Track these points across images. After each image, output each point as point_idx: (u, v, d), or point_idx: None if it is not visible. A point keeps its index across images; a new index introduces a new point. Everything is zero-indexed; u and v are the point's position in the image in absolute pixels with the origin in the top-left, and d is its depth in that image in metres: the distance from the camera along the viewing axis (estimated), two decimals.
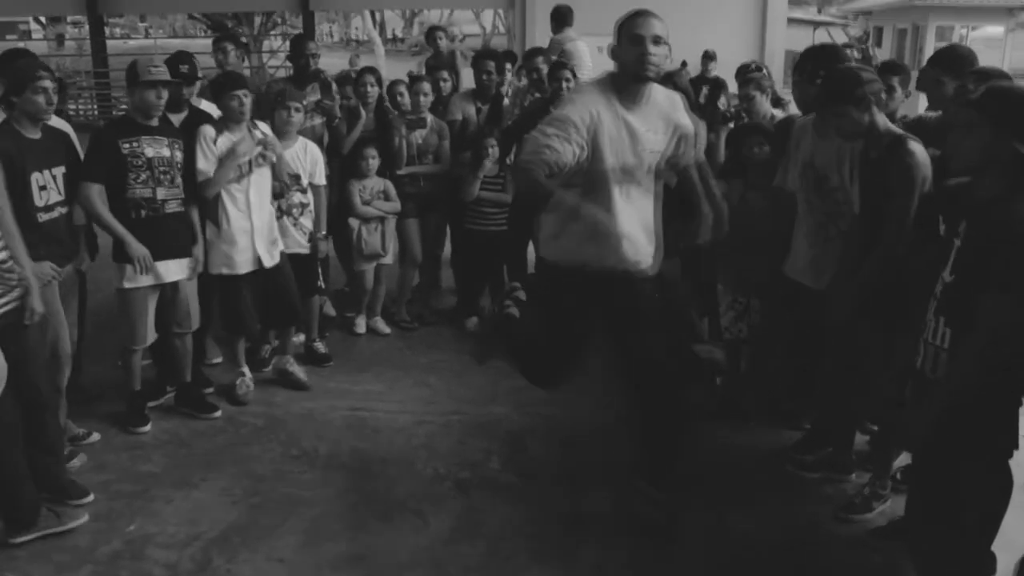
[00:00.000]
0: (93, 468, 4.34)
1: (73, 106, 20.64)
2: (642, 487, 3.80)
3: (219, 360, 5.64)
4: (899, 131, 3.71)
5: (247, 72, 10.38)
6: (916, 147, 3.56)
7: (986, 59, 4.44)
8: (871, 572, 3.60)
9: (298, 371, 5.33)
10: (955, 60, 4.10)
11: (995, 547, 3.06)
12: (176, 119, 4.99)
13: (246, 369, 5.25)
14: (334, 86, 6.27)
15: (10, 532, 3.67)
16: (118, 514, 3.95)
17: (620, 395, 4.77)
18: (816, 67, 4.13)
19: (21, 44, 32.76)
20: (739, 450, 4.56)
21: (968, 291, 2.82)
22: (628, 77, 3.40)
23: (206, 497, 4.10)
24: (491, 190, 6.04)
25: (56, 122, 4.49)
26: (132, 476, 4.30)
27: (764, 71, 5.89)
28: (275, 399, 5.15)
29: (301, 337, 5.81)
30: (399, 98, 6.22)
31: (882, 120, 3.69)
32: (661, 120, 3.56)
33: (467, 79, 7.29)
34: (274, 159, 4.98)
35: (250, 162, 4.87)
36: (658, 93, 3.56)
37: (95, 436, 4.63)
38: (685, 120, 3.69)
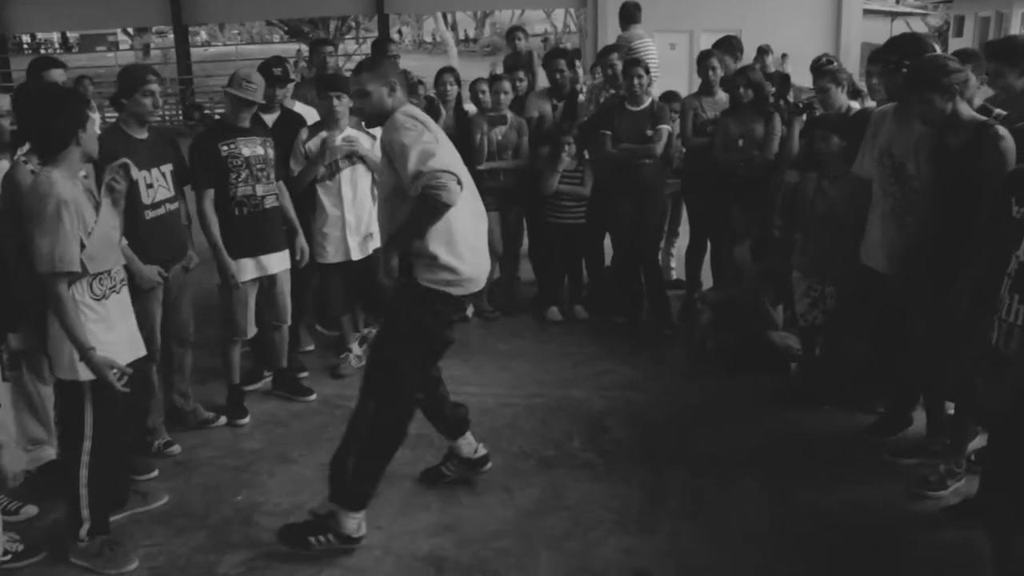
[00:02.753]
0: (201, 445, 4.68)
1: (160, 112, 21.46)
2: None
3: (311, 348, 5.95)
4: (983, 118, 3.80)
5: None
6: (1004, 132, 3.66)
7: None
8: (943, 550, 3.69)
9: None
10: (1014, 51, 4.15)
11: None
12: (269, 119, 5.30)
13: (353, 347, 5.58)
14: (421, 88, 6.53)
15: None
16: (226, 486, 4.27)
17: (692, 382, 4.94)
18: (900, 56, 4.20)
19: (110, 55, 34.12)
20: (813, 434, 4.69)
21: None
22: None
23: (306, 471, 4.39)
24: (569, 183, 6.24)
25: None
26: (236, 453, 4.62)
27: (835, 63, 5.96)
28: None
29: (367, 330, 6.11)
30: (480, 95, 6.45)
31: (965, 108, 3.79)
32: None
33: (543, 78, 7.49)
34: (361, 154, 5.23)
35: (336, 161, 5.17)
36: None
37: (223, 420, 4.93)
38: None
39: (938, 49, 4.67)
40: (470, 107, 6.74)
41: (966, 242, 3.61)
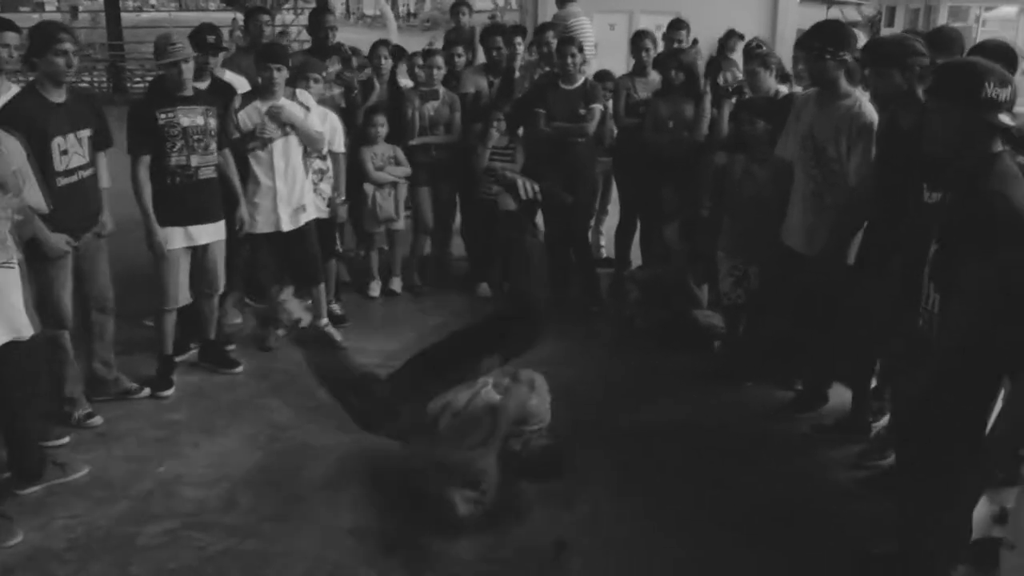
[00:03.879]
0: (123, 416, 4.62)
1: (87, 78, 20.87)
2: None
3: (239, 320, 5.90)
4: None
5: None
6: None
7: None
8: (857, 520, 3.79)
9: (333, 331, 5.63)
10: (946, 42, 4.28)
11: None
12: (199, 87, 5.17)
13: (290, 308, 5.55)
14: (354, 59, 6.49)
15: (18, 483, 3.88)
16: (148, 457, 4.24)
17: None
18: (824, 44, 4.24)
19: (35, 16, 32.96)
20: (734, 410, 4.82)
21: (952, 259, 2.98)
22: None
23: (230, 443, 4.38)
24: (500, 160, 6.26)
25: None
26: (159, 424, 4.58)
27: (764, 48, 6.08)
28: (293, 357, 5.37)
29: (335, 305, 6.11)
30: (416, 70, 6.42)
31: (920, 92, 3.83)
32: None
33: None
34: (295, 124, 5.18)
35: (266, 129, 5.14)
36: None
37: (146, 391, 4.85)
38: None
39: (861, 38, 4.78)
40: (407, 82, 6.71)
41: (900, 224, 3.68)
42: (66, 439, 4.32)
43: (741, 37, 7.45)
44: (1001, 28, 25.29)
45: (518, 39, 6.88)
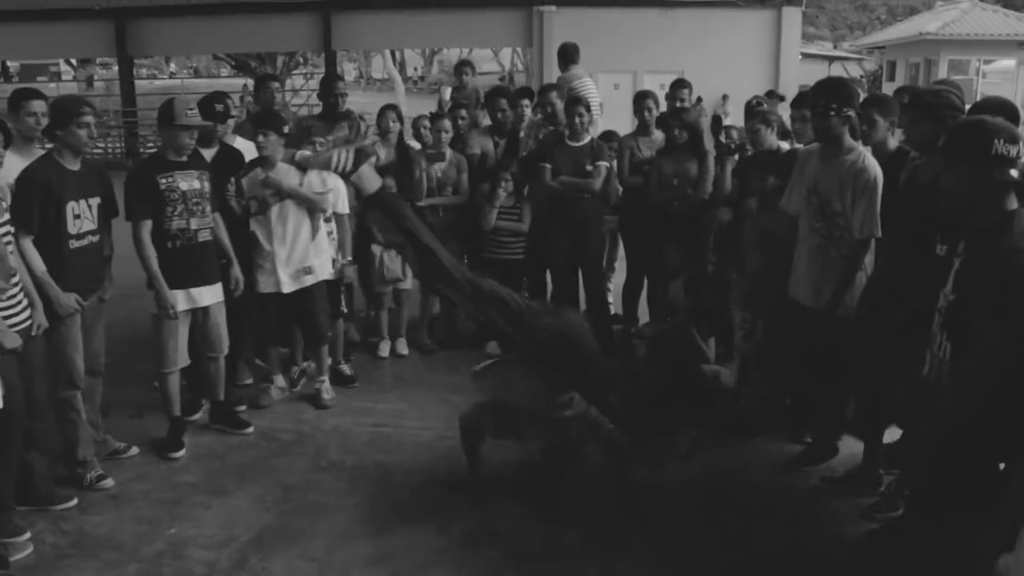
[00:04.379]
0: (135, 479, 4.64)
1: (102, 144, 21.24)
2: None
3: (250, 381, 5.94)
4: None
5: None
6: None
7: (1000, 91, 4.70)
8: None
9: (325, 392, 5.65)
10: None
11: None
12: (208, 154, 5.33)
13: (277, 379, 5.64)
14: (362, 125, 6.63)
15: None
16: (159, 519, 4.24)
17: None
18: (828, 100, 4.30)
19: (52, 85, 33.64)
20: (744, 464, 4.81)
21: (967, 310, 3.04)
22: None
23: (241, 504, 4.38)
24: (507, 219, 6.36)
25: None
26: (171, 485, 4.59)
27: (764, 105, 6.18)
28: (304, 416, 5.45)
29: (329, 360, 6.14)
30: (423, 130, 6.55)
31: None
32: None
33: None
34: (286, 190, 5.29)
35: (265, 197, 5.28)
36: None
37: (134, 450, 4.90)
38: None
39: (863, 94, 4.86)
40: (415, 144, 6.84)
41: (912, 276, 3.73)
42: (74, 501, 4.33)
43: (782, 98, 7.44)
44: (1002, 80, 25.62)
45: (525, 101, 7.01)
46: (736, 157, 6.00)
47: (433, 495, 4.43)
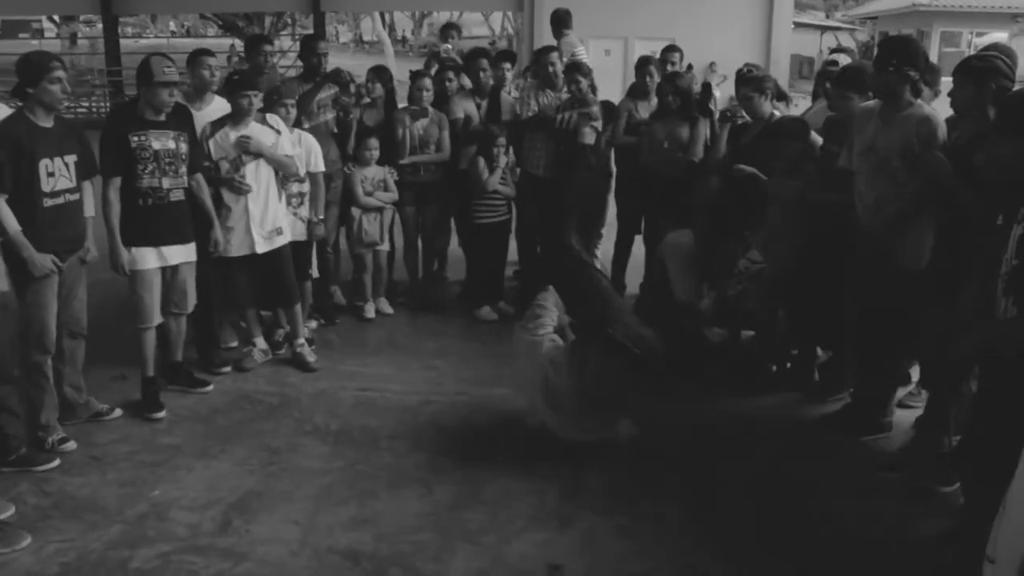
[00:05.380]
0: (118, 440, 4.61)
1: (86, 103, 21.00)
2: None
3: (235, 344, 5.91)
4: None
5: None
6: None
7: None
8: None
9: (307, 354, 5.61)
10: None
11: None
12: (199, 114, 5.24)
13: (257, 341, 5.62)
14: (352, 85, 6.54)
15: None
16: (142, 481, 4.22)
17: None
18: (890, 56, 4.30)
19: (34, 42, 33.18)
20: (746, 418, 4.84)
21: None
22: None
23: (225, 466, 4.36)
24: (502, 182, 6.32)
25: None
26: (154, 448, 4.56)
27: (755, 72, 6.11)
28: (288, 379, 5.42)
29: (313, 323, 6.12)
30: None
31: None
32: None
33: None
34: (260, 151, 5.24)
35: (240, 156, 5.21)
36: None
37: (118, 412, 4.87)
38: None
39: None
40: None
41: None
42: (56, 462, 4.31)
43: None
44: None
45: (506, 64, 6.92)
46: (729, 125, 5.96)
47: (418, 459, 4.42)
